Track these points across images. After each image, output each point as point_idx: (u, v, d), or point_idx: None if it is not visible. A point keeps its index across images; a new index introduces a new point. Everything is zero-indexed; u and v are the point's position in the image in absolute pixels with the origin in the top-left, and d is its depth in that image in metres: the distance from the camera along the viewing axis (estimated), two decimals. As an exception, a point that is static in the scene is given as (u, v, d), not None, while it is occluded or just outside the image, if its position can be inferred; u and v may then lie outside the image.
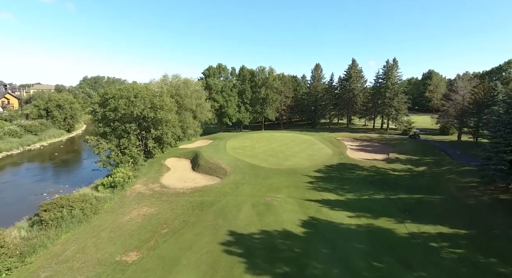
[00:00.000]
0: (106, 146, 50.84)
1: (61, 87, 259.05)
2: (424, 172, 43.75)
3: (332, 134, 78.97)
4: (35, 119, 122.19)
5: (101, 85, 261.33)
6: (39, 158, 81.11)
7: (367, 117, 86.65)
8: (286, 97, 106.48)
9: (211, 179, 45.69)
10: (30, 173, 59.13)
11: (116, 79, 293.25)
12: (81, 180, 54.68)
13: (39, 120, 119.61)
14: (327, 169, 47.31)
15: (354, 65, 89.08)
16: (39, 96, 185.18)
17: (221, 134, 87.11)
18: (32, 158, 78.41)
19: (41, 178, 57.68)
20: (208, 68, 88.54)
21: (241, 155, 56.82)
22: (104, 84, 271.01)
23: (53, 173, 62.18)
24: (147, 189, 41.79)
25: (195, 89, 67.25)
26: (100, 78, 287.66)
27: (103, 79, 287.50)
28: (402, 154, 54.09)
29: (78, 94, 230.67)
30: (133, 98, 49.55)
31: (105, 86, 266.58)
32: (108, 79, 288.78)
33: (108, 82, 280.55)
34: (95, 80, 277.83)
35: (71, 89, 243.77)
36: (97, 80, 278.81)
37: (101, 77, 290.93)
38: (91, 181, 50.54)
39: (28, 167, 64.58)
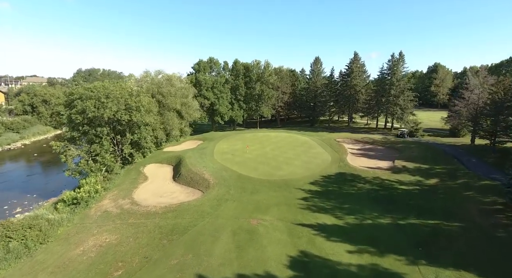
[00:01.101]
0: (75, 153, 45.01)
1: (53, 80, 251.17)
2: (437, 186, 37.76)
3: (331, 134, 72.83)
4: (19, 116, 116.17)
5: (96, 78, 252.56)
6: (16, 159, 75.40)
7: (369, 116, 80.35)
8: (284, 93, 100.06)
9: (191, 193, 39.89)
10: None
11: (111, 71, 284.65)
12: (55, 187, 49.22)
13: (23, 117, 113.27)
14: (325, 181, 41.38)
15: (356, 59, 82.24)
16: (25, 90, 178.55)
17: (212, 134, 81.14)
18: (8, 159, 72.78)
19: (8, 185, 52.19)
20: (198, 62, 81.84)
21: (229, 161, 50.89)
22: (99, 76, 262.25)
23: (24, 179, 56.56)
24: (116, 206, 36.03)
25: (180, 86, 60.94)
26: (95, 70, 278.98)
27: (98, 71, 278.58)
28: (409, 160, 48.04)
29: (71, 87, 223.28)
30: (104, 99, 43.42)
31: (100, 79, 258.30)
32: (104, 71, 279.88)
33: (103, 74, 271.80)
34: (89, 72, 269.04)
35: (63, 82, 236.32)
36: (92, 72, 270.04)
37: (96, 70, 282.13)
38: (65, 188, 45.20)
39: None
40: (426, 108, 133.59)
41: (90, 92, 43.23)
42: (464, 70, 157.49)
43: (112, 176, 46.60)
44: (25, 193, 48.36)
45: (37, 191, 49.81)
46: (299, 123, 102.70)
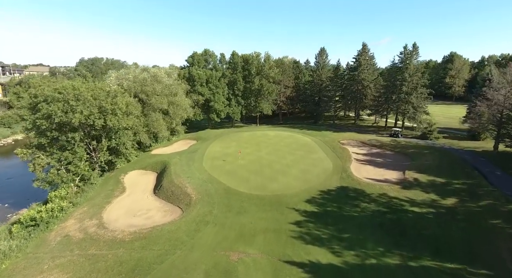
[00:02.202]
0: (44, 161, 40.30)
1: (55, 69, 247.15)
2: (455, 209, 31.88)
3: (335, 135, 66.69)
4: (11, 109, 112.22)
5: (99, 67, 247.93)
6: (2, 157, 71.96)
7: (378, 114, 73.57)
8: (286, 87, 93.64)
9: (169, 211, 34.96)
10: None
11: (115, 60, 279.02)
12: (34, 192, 44.79)
13: (15, 110, 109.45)
14: (323, 198, 35.85)
15: (365, 51, 74.85)
16: (24, 81, 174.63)
17: (208, 132, 75.82)
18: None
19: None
20: (192, 55, 75.71)
21: (218, 170, 45.65)
22: (102, 66, 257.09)
23: (3, 182, 52.70)
24: (80, 228, 31.35)
25: (168, 83, 55.27)
26: (98, 59, 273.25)
27: (101, 61, 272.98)
28: (422, 171, 41.99)
29: (73, 78, 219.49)
30: (73, 101, 38.24)
31: (103, 68, 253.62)
32: (107, 60, 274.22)
33: (106, 64, 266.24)
34: (92, 61, 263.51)
35: (65, 72, 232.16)
36: (95, 62, 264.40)
37: (99, 59, 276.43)
38: (44, 194, 41.31)
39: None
40: (440, 101, 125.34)
41: (57, 94, 38.06)
42: (482, 59, 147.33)
43: (87, 186, 42.00)
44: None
45: (13, 198, 45.86)
46: (302, 119, 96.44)
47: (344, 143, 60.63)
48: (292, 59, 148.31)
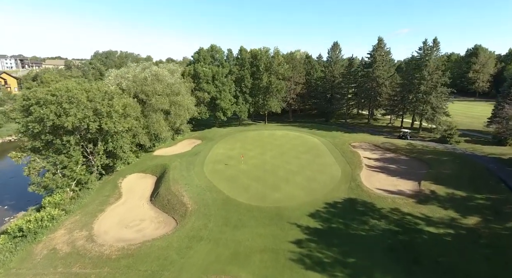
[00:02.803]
0: (39, 164, 39.06)
1: (70, 63, 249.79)
2: (478, 231, 28.30)
3: (347, 136, 63.03)
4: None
5: (113, 61, 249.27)
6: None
7: (393, 115, 68.93)
8: (296, 83, 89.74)
9: (163, 223, 32.97)
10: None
11: (129, 54, 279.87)
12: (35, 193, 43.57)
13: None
14: (328, 212, 32.91)
15: (380, 47, 69.99)
16: (40, 74, 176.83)
17: (214, 131, 73.61)
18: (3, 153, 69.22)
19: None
20: (198, 51, 73.02)
21: (219, 175, 43.34)
22: (116, 59, 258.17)
23: (6, 181, 52.39)
24: (68, 241, 29.78)
25: (170, 82, 52.89)
26: (112, 53, 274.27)
27: (116, 54, 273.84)
28: (440, 182, 38.19)
29: (88, 71, 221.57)
30: (67, 104, 36.50)
31: (117, 61, 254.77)
32: (121, 53, 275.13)
33: (120, 57, 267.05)
34: (106, 55, 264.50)
35: (80, 65, 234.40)
36: (109, 55, 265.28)
37: (113, 52, 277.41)
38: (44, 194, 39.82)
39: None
40: (462, 97, 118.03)
41: (50, 97, 36.37)
42: (510, 52, 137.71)
43: (83, 191, 40.63)
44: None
45: (13, 199, 45.10)
46: (313, 117, 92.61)
47: (355, 146, 57.00)
48: (304, 53, 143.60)
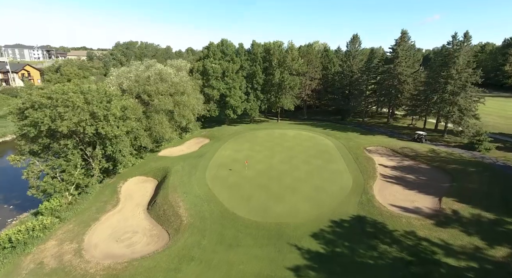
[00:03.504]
0: (38, 168, 38.31)
1: (92, 54, 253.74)
2: (509, 266, 24.28)
3: (362, 138, 58.74)
4: None
5: (133, 51, 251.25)
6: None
7: (415, 116, 63.30)
8: (312, 79, 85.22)
9: (156, 237, 31.20)
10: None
11: (149, 44, 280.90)
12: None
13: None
14: (333, 232, 29.78)
15: (404, 40, 64.10)
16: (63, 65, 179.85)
17: (223, 129, 71.26)
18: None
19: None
20: (207, 46, 70.19)
21: (221, 181, 41.08)
22: (137, 50, 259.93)
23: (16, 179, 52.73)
24: (57, 254, 28.63)
25: (175, 81, 50.58)
26: (132, 43, 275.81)
27: (136, 44, 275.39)
28: (464, 200, 33.84)
29: (109, 62, 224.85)
30: (62, 108, 35.08)
31: (137, 52, 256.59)
32: (141, 44, 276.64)
33: (140, 47, 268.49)
34: (127, 46, 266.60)
35: (101, 56, 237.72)
36: (129, 46, 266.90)
37: (133, 43, 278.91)
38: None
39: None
40: (496, 92, 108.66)
41: (45, 100, 35.05)
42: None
43: (82, 196, 39.64)
44: (5, 200, 43.82)
45: (20, 198, 44.68)
46: (328, 115, 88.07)
47: (371, 150, 52.78)
48: (323, 45, 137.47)
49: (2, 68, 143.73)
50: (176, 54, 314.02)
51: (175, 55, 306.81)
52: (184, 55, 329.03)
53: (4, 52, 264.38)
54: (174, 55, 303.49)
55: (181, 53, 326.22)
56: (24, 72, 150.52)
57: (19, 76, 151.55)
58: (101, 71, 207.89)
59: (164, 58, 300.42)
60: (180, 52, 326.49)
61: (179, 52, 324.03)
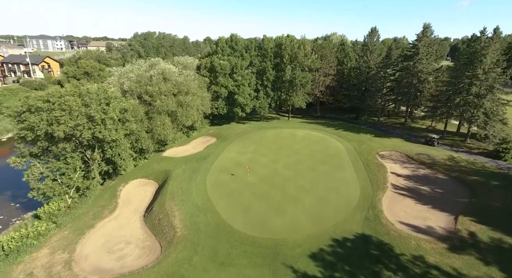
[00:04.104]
0: (39, 170, 38.11)
1: (111, 44, 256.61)
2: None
3: (376, 141, 55.29)
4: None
5: (151, 42, 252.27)
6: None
7: (435, 118, 58.60)
8: (326, 75, 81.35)
9: (148, 249, 30.18)
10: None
11: (166, 34, 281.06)
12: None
13: None
14: (334, 254, 27.55)
15: (426, 35, 59.02)
16: (83, 56, 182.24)
17: (231, 127, 69.50)
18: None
19: (5, 184, 48.55)
20: (216, 41, 67.90)
21: (221, 188, 39.55)
22: (154, 40, 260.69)
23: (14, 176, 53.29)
24: (46, 265, 28.17)
25: (177, 81, 48.87)
26: (150, 34, 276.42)
27: (154, 35, 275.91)
28: (484, 221, 30.49)
29: (127, 53, 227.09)
30: (58, 111, 34.30)
31: (155, 42, 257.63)
32: (159, 34, 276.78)
33: (158, 38, 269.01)
34: (145, 36, 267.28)
35: (119, 47, 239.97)
36: (147, 36, 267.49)
37: (151, 33, 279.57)
38: None
39: None
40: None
41: (42, 103, 34.34)
42: None
43: (81, 200, 39.29)
44: (13, 197, 44.34)
45: (26, 196, 45.26)
46: (342, 112, 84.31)
47: (384, 156, 49.48)
48: (341, 37, 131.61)
49: (23, 61, 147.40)
50: (194, 44, 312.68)
51: (192, 46, 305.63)
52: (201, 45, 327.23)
53: (29, 43, 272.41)
54: (191, 46, 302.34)
55: (198, 43, 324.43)
56: (44, 64, 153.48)
57: (39, 68, 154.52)
58: (119, 62, 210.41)
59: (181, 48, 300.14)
60: (197, 42, 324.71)
61: (196, 43, 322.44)
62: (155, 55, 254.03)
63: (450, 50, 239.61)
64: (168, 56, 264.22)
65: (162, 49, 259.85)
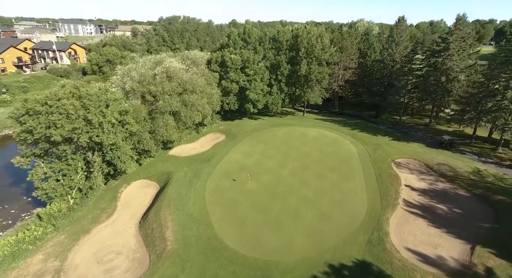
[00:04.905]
0: (43, 170, 38.55)
1: (136, 29, 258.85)
2: None
3: (394, 145, 51.16)
4: (88, 75, 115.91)
5: (175, 26, 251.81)
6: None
7: (464, 123, 52.73)
8: (346, 68, 76.34)
9: (138, 261, 29.64)
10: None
11: (191, 19, 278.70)
12: None
13: (88, 77, 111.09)
14: (328, 283, 25.49)
15: (458, 28, 52.49)
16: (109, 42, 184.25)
17: (242, 123, 67.44)
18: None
19: (16, 179, 50.14)
20: (228, 34, 64.95)
21: (219, 196, 38.13)
22: (179, 25, 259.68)
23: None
24: (37, 273, 28.37)
25: (182, 80, 47.04)
26: (175, 18, 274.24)
27: (178, 19, 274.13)
28: (505, 255, 26.70)
29: (151, 38, 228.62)
30: (56, 115, 33.92)
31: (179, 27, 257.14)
32: (184, 18, 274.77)
33: (182, 22, 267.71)
34: (169, 21, 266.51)
35: (144, 32, 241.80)
36: (172, 21, 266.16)
37: (176, 17, 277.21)
38: None
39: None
40: None
41: (40, 107, 34.07)
42: None
43: (82, 201, 39.57)
44: (26, 191, 45.48)
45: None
46: (362, 109, 79.29)
47: (400, 164, 45.57)
48: (368, 24, 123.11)
49: (51, 47, 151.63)
50: (218, 28, 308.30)
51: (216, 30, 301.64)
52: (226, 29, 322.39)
53: (62, 28, 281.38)
54: (215, 30, 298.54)
55: (223, 27, 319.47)
56: (71, 51, 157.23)
57: (66, 54, 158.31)
58: (144, 47, 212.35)
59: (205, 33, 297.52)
60: (221, 26, 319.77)
61: (221, 27, 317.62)
62: (179, 40, 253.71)
63: (495, 34, 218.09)
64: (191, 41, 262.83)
65: (186, 34, 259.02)
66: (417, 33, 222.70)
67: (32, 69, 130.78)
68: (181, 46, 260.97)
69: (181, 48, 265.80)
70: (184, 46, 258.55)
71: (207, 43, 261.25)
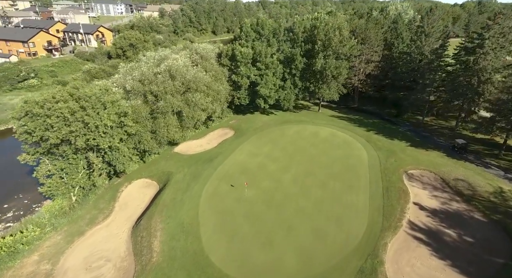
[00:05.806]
0: (47, 167, 39.74)
1: (163, 10, 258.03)
2: None
3: (410, 152, 47.31)
4: (114, 59, 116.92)
5: (202, 7, 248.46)
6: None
7: (494, 131, 46.89)
8: (368, 62, 70.85)
9: (123, 271, 29.91)
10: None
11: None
12: None
13: (112, 61, 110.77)
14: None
15: (496, 22, 45.70)
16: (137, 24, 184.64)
17: (253, 119, 65.61)
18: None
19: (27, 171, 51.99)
20: (240, 26, 61.85)
21: (214, 204, 37.36)
22: (206, 5, 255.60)
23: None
24: (30, 276, 29.60)
25: (186, 79, 45.48)
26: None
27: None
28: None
29: (178, 19, 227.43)
30: (53, 118, 34.17)
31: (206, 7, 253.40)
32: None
33: (210, 2, 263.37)
34: (196, 0, 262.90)
35: (171, 13, 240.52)
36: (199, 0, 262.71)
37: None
38: None
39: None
40: None
41: (38, 109, 34.39)
42: None
43: (83, 200, 40.54)
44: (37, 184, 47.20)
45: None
46: (383, 106, 73.68)
47: (413, 176, 41.94)
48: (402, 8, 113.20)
49: (79, 30, 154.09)
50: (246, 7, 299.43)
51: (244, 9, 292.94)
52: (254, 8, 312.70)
53: (94, 8, 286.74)
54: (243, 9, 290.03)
55: (251, 6, 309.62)
56: (98, 34, 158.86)
57: (94, 37, 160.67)
58: (170, 29, 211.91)
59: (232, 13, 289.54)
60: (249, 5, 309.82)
61: (248, 6, 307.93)
62: (206, 21, 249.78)
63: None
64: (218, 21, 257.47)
65: (214, 14, 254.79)
66: (462, 14, 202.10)
67: (61, 52, 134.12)
68: (208, 27, 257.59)
69: (207, 29, 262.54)
70: (211, 27, 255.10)
71: (234, 23, 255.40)
